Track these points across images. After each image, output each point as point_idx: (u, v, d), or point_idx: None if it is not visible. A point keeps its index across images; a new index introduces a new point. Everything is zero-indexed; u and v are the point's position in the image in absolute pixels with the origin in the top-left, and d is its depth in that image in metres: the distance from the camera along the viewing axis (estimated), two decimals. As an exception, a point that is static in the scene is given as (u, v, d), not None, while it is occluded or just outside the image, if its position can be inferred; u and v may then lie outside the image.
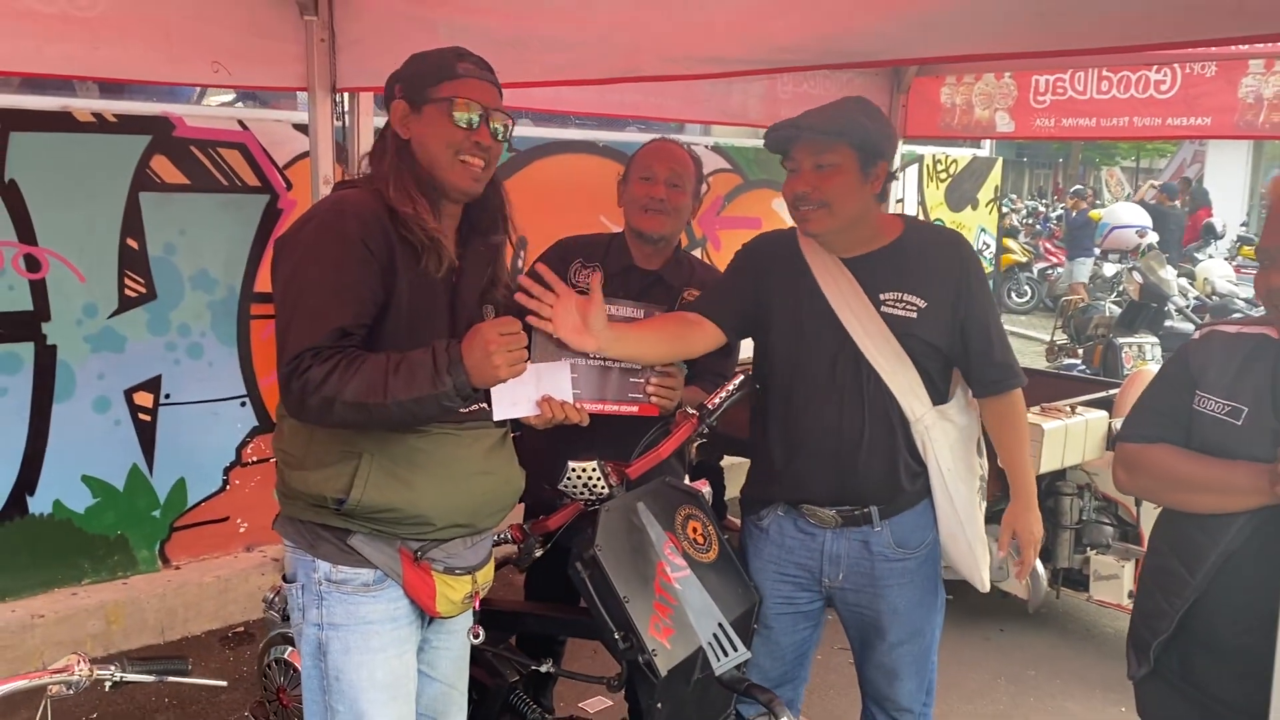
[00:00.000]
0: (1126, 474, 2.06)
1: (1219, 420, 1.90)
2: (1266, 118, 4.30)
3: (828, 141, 2.26)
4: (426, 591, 2.07)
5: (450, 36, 3.24)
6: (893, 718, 2.57)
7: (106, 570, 4.15)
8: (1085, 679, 4.08)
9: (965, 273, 2.34)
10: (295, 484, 1.99)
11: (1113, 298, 9.47)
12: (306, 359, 1.81)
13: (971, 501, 2.44)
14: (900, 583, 2.43)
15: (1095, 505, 4.27)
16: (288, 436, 2.02)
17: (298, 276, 1.89)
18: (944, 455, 2.38)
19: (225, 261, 4.30)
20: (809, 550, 2.46)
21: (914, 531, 2.42)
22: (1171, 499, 2.00)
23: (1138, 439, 2.04)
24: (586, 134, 5.50)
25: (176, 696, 3.73)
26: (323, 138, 3.85)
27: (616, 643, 2.24)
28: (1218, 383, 1.93)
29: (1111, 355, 6.99)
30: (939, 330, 2.32)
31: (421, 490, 1.98)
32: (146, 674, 1.83)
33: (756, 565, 2.52)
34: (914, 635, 2.48)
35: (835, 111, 2.30)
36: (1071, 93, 4.85)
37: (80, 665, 1.75)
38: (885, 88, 5.15)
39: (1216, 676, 1.92)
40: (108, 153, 3.96)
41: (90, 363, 3.99)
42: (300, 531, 2.04)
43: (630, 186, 2.80)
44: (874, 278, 2.34)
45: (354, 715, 2.03)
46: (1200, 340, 2.05)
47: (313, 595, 2.03)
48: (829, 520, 2.41)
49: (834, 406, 2.35)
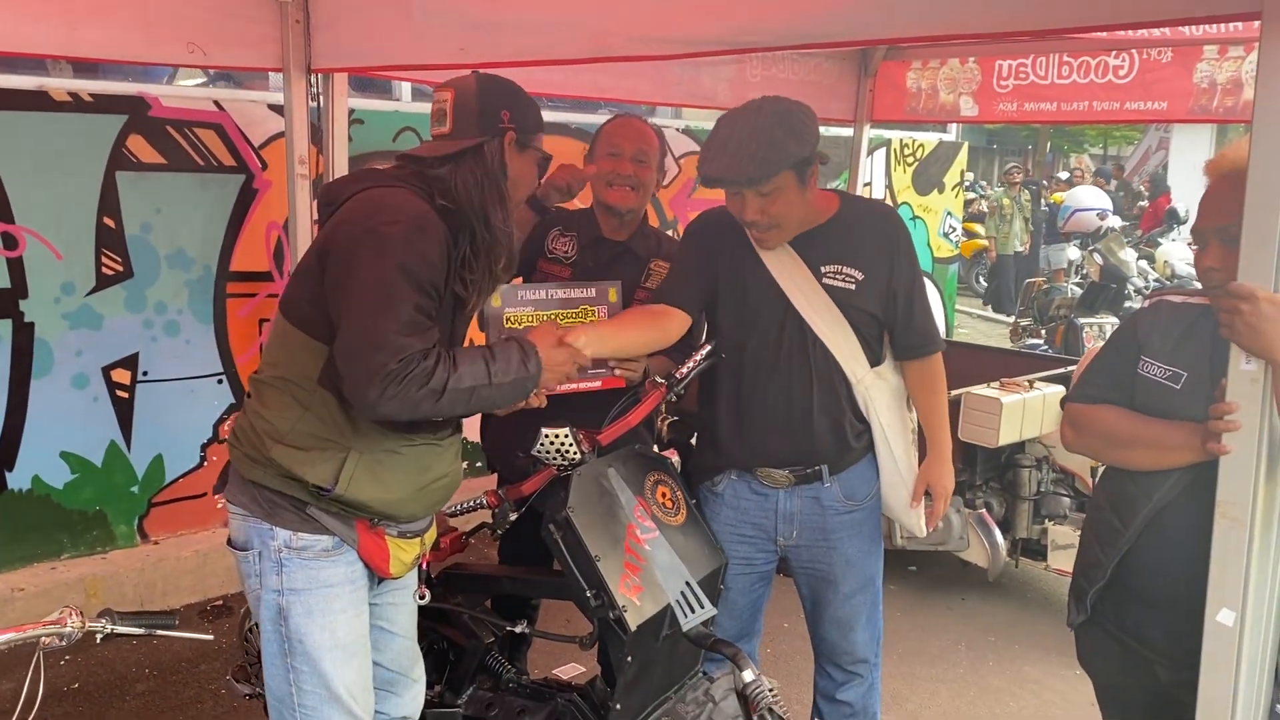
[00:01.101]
0: (1073, 432, 2.18)
1: (1160, 384, 2.01)
2: (1220, 102, 4.43)
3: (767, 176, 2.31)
4: (381, 555, 2.16)
5: (424, 20, 3.33)
6: (849, 671, 2.68)
7: (85, 545, 4.20)
8: (1042, 644, 4.22)
9: (897, 245, 2.50)
10: (276, 455, 2.02)
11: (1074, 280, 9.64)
12: (417, 359, 1.89)
13: (909, 453, 2.61)
14: (850, 533, 2.57)
15: (1053, 477, 4.41)
16: (274, 408, 2.05)
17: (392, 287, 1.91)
18: (883, 412, 2.54)
19: (201, 240, 4.34)
20: (763, 510, 2.58)
21: (860, 484, 2.57)
22: (1112, 456, 2.11)
23: (1084, 399, 2.15)
24: (559, 116, 5.56)
25: (156, 666, 3.80)
26: (298, 118, 3.90)
27: (588, 600, 2.33)
28: (1161, 349, 2.04)
29: (1072, 335, 7.15)
30: (875, 299, 2.47)
31: (395, 492, 2.09)
32: (136, 627, 1.90)
33: (714, 530, 2.63)
34: (866, 584, 2.62)
35: (770, 144, 2.30)
36: (1033, 77, 4.95)
37: (72, 618, 1.82)
38: (852, 72, 5.25)
39: (1147, 623, 2.04)
40: (84, 132, 4.00)
41: (68, 340, 4.04)
42: (257, 500, 2.08)
43: (597, 162, 2.89)
44: (815, 252, 2.46)
45: (317, 675, 2.10)
46: (1148, 309, 2.16)
47: (271, 562, 2.08)
48: (782, 480, 2.54)
49: (783, 374, 2.48)
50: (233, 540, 2.16)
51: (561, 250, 2.88)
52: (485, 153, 2.09)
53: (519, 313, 2.52)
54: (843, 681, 2.70)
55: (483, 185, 2.07)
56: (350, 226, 2.00)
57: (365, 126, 4.63)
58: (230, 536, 2.18)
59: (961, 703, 3.77)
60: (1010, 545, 4.38)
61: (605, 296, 2.59)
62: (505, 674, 2.77)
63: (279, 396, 2.06)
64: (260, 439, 2.05)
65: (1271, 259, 1.62)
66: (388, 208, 1.99)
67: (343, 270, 1.96)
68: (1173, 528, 1.95)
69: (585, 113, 5.81)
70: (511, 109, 2.14)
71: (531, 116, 2.19)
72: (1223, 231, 1.86)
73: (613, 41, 2.96)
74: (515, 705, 2.72)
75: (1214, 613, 1.73)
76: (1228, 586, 1.72)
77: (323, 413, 2.03)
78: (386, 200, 2.02)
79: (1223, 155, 1.98)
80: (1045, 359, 5.34)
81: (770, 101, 2.39)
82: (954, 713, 3.70)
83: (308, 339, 2.03)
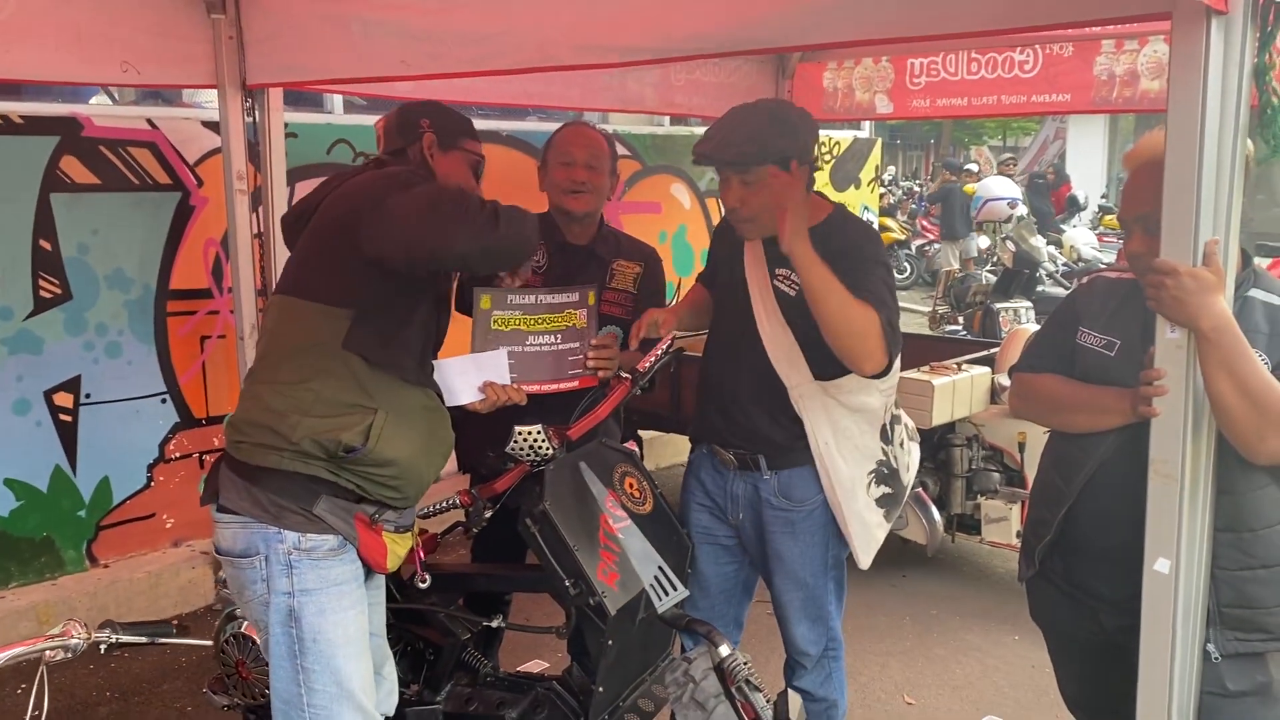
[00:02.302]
0: (1019, 399, 2.35)
1: (1096, 352, 2.18)
2: (1119, 93, 4.69)
3: (749, 163, 2.43)
4: (380, 551, 2.25)
5: (363, 32, 3.38)
6: (795, 659, 2.79)
7: (34, 572, 4.15)
8: (983, 614, 4.43)
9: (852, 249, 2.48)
10: (304, 429, 2.08)
11: (988, 267, 10.00)
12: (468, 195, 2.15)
13: (854, 479, 2.60)
14: (784, 531, 2.65)
15: (983, 454, 4.62)
16: (294, 382, 2.12)
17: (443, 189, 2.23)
18: (821, 427, 2.56)
19: (140, 260, 4.32)
20: (719, 487, 2.73)
21: (801, 488, 2.62)
22: (1054, 420, 2.29)
23: (1028, 369, 2.33)
24: (489, 124, 5.62)
25: (118, 689, 3.78)
26: (234, 134, 3.92)
27: (567, 590, 2.42)
28: (1097, 319, 2.21)
29: (990, 320, 7.42)
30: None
31: (414, 447, 2.20)
32: (139, 636, 1.96)
33: (684, 498, 2.82)
34: (798, 585, 2.68)
35: (753, 134, 2.42)
36: (944, 74, 5.15)
37: (78, 629, 1.86)
38: (770, 74, 5.39)
39: (1091, 575, 2.21)
40: (16, 154, 3.96)
41: (8, 365, 3.99)
42: (261, 504, 2.13)
43: (551, 172, 2.97)
44: (777, 255, 2.56)
45: (329, 671, 2.16)
46: (1086, 284, 2.36)
47: (280, 565, 2.14)
48: (729, 461, 2.69)
49: (730, 360, 2.64)
50: (228, 549, 2.19)
51: (534, 260, 2.96)
52: (408, 154, 2.39)
53: (507, 315, 2.61)
54: (794, 669, 2.80)
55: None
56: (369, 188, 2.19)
57: (299, 140, 4.64)
58: (222, 546, 2.21)
59: (911, 673, 3.96)
60: (946, 521, 4.58)
61: (585, 300, 2.70)
62: (482, 669, 2.85)
63: (297, 370, 2.13)
64: (279, 419, 2.10)
65: (1189, 237, 1.79)
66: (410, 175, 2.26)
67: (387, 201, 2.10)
68: (1110, 485, 2.11)
69: (515, 119, 5.88)
70: (430, 117, 2.41)
71: (453, 121, 2.44)
72: (1144, 219, 2.02)
73: (556, 51, 3.04)
74: (495, 698, 2.79)
75: (1151, 562, 1.88)
76: (1162, 537, 1.87)
77: (346, 377, 2.13)
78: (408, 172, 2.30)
79: (1138, 147, 2.13)
80: (969, 343, 5.58)
81: (772, 101, 2.57)
82: (905, 683, 3.88)
83: (327, 308, 2.15)
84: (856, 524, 2.63)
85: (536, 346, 2.58)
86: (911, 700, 3.76)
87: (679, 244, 6.62)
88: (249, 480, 2.14)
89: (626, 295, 3.00)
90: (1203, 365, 1.82)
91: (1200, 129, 1.73)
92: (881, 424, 2.67)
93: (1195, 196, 1.75)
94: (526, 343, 2.57)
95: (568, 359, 2.63)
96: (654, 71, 4.91)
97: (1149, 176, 2.06)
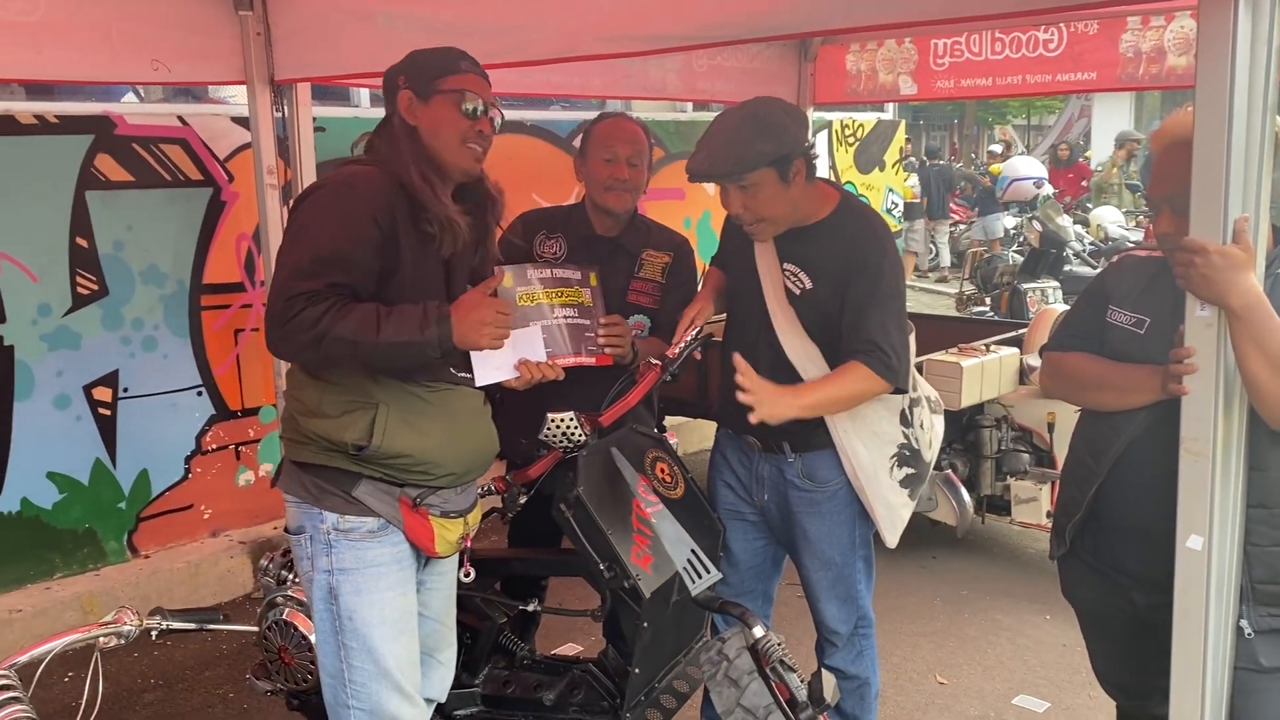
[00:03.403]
0: (1050, 378, 2.36)
1: (1127, 330, 2.19)
2: (1145, 70, 4.65)
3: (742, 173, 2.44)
4: (426, 534, 2.28)
5: (388, 26, 3.42)
6: (825, 638, 2.82)
7: (77, 563, 4.24)
8: (1012, 594, 4.44)
9: (863, 261, 2.51)
10: (313, 429, 2.16)
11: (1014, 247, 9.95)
12: (301, 301, 2.00)
13: (875, 465, 2.63)
14: (809, 512, 2.68)
15: (1012, 435, 4.62)
16: (303, 387, 2.20)
17: (303, 233, 2.10)
18: (839, 415, 2.57)
19: (174, 255, 4.39)
20: (745, 468, 2.77)
21: (824, 470, 2.65)
22: (1084, 398, 2.30)
23: (1058, 348, 2.34)
24: (514, 114, 5.66)
25: (161, 676, 3.86)
26: (264, 130, 3.97)
27: (601, 573, 2.46)
28: (1127, 298, 2.22)
29: (1017, 300, 7.41)
30: (818, 311, 2.54)
31: (432, 438, 2.20)
32: (188, 623, 2.01)
33: (711, 474, 2.86)
34: (826, 565, 2.71)
35: (739, 141, 2.43)
36: (968, 55, 5.12)
37: (130, 616, 1.92)
38: (793, 58, 5.38)
39: (1123, 553, 2.22)
40: (52, 153, 4.02)
41: (48, 361, 4.07)
42: (306, 486, 2.22)
43: (591, 165, 2.94)
44: (787, 248, 2.60)
45: (366, 650, 2.23)
46: (1116, 263, 2.37)
47: (322, 544, 2.21)
48: (754, 443, 2.72)
49: (748, 347, 2.62)
50: (288, 527, 2.30)
51: (550, 252, 2.98)
52: (390, 120, 2.24)
53: (529, 290, 2.64)
54: (825, 648, 2.83)
55: (392, 149, 2.19)
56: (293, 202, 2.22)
57: (327, 134, 4.68)
58: (286, 524, 2.32)
59: (943, 653, 3.97)
60: (976, 503, 4.59)
61: (587, 280, 2.73)
62: (519, 652, 2.90)
63: (303, 375, 2.21)
64: (298, 420, 2.20)
65: (1219, 215, 1.79)
66: (324, 179, 2.19)
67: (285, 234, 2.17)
68: (1141, 463, 2.12)
69: (538, 109, 5.91)
70: (405, 72, 2.24)
71: (429, 67, 2.23)
72: (1172, 200, 2.02)
73: (579, 42, 3.07)
74: (532, 680, 2.85)
75: (1184, 539, 1.90)
76: (1195, 515, 1.88)
77: (343, 378, 2.16)
78: (328, 174, 2.21)
79: (1165, 127, 2.14)
80: (997, 324, 5.57)
81: (751, 103, 2.52)
82: (936, 663, 3.90)
83: None
84: (881, 506, 2.66)
85: (559, 319, 2.62)
86: (944, 680, 3.78)
87: (703, 230, 6.63)
88: (298, 465, 2.24)
89: (654, 285, 3.00)
90: (1234, 342, 1.82)
91: (1229, 106, 1.73)
92: (900, 409, 2.68)
93: (1224, 173, 1.76)
94: (551, 316, 2.61)
95: (584, 334, 2.67)
96: (676, 58, 4.91)
97: (1176, 157, 2.05)
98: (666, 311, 2.93)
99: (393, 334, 2.04)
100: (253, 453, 4.75)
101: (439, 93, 2.20)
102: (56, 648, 1.87)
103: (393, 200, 2.12)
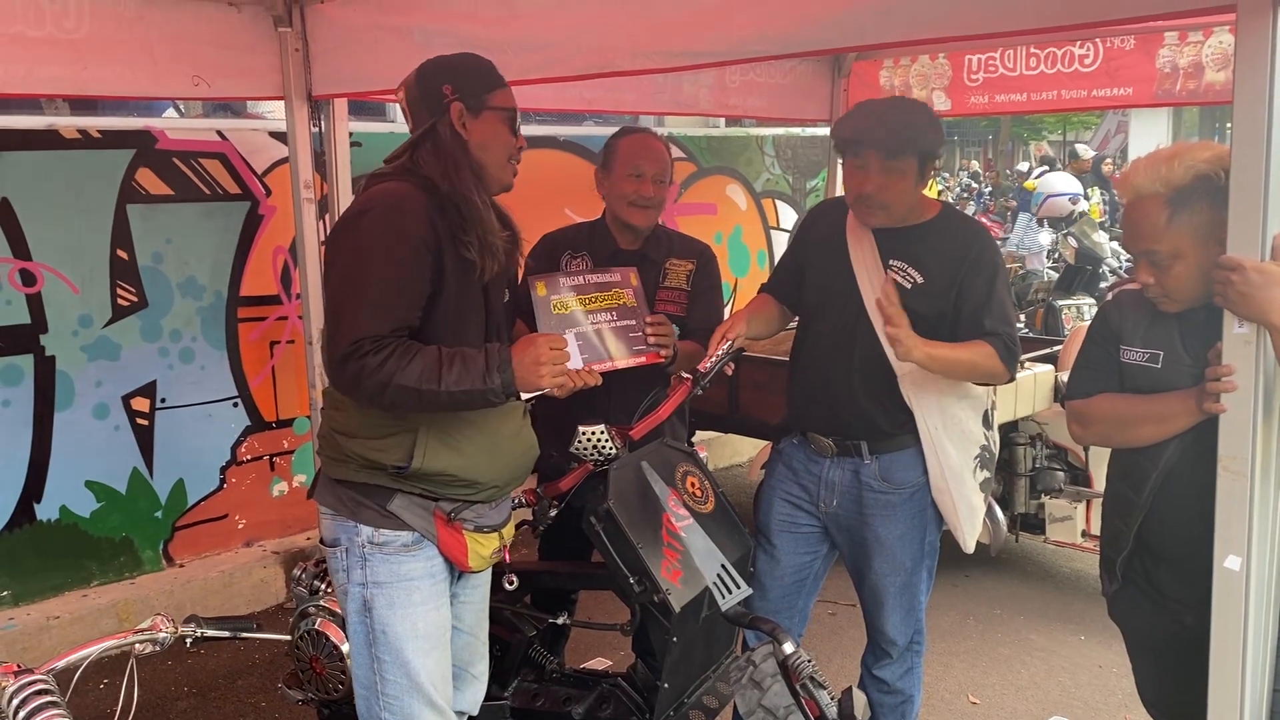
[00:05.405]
0: (1080, 427, 2.32)
1: (1143, 367, 2.18)
2: (1183, 85, 4.61)
3: (899, 149, 2.49)
4: (460, 549, 2.29)
5: (425, 42, 3.45)
6: (883, 649, 2.82)
7: (114, 571, 4.29)
8: (1046, 614, 4.39)
9: (977, 263, 2.57)
10: (352, 449, 2.17)
11: (1049, 264, 9.85)
12: (366, 345, 1.99)
13: (962, 464, 2.66)
14: (884, 514, 2.69)
15: (1047, 453, 4.57)
16: (343, 409, 2.20)
17: (360, 268, 2.05)
18: (931, 413, 2.62)
19: (211, 268, 4.45)
20: (811, 475, 2.75)
21: (901, 471, 2.68)
22: (1120, 438, 2.25)
23: (1081, 395, 2.30)
24: (546, 129, 5.69)
25: (194, 685, 3.89)
26: (301, 145, 4.02)
27: (631, 587, 2.46)
28: (1134, 335, 2.21)
29: (1052, 317, 7.32)
30: (930, 305, 2.56)
31: (472, 456, 2.20)
32: (222, 630, 2.03)
33: (769, 484, 2.85)
34: (897, 568, 2.73)
35: (906, 121, 2.51)
36: (1002, 70, 5.09)
37: (165, 624, 1.94)
38: (826, 73, 5.37)
39: (1171, 578, 2.19)
40: (94, 167, 4.10)
41: (88, 371, 4.14)
42: (342, 500, 2.23)
43: (616, 182, 2.96)
44: (891, 246, 2.63)
45: (399, 664, 2.23)
46: (1113, 300, 2.35)
47: (356, 557, 2.22)
48: (827, 449, 2.71)
49: (838, 351, 2.65)
50: (323, 539, 2.31)
51: (578, 265, 3.01)
52: (439, 130, 2.18)
53: (562, 298, 2.66)
54: (879, 658, 2.84)
55: (443, 160, 2.16)
56: (338, 223, 2.19)
57: (364, 149, 4.74)
58: (321, 535, 2.33)
59: (975, 673, 3.93)
60: (1010, 521, 4.55)
61: (628, 280, 2.77)
62: (549, 665, 2.90)
63: (338, 399, 2.21)
64: (337, 439, 2.21)
65: (1257, 231, 1.78)
66: (365, 198, 2.15)
67: (326, 263, 2.15)
68: (1181, 488, 2.10)
69: (571, 125, 5.94)
70: (452, 81, 2.19)
71: (476, 80, 2.22)
72: (1147, 255, 2.07)
73: (615, 57, 3.08)
74: (561, 694, 2.85)
75: (1222, 559, 1.87)
76: (1233, 534, 1.85)
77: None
78: (369, 192, 2.17)
79: (1125, 177, 2.12)
80: (1032, 341, 5.51)
81: (912, 99, 2.60)
82: (969, 682, 3.86)
83: None
84: (965, 508, 2.69)
85: (596, 325, 2.64)
86: (976, 700, 3.74)
87: (735, 245, 6.64)
88: (334, 478, 2.25)
89: (680, 293, 3.04)
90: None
91: (1268, 121, 1.71)
92: (984, 411, 2.71)
93: (1263, 189, 1.74)
94: (587, 323, 2.63)
95: (629, 335, 2.69)
96: (709, 73, 4.93)
97: (1143, 214, 2.08)
98: (694, 317, 2.97)
99: (455, 383, 2.03)
100: (287, 464, 4.80)
101: (489, 108, 2.21)
102: (94, 654, 1.89)
103: (437, 220, 2.11)
